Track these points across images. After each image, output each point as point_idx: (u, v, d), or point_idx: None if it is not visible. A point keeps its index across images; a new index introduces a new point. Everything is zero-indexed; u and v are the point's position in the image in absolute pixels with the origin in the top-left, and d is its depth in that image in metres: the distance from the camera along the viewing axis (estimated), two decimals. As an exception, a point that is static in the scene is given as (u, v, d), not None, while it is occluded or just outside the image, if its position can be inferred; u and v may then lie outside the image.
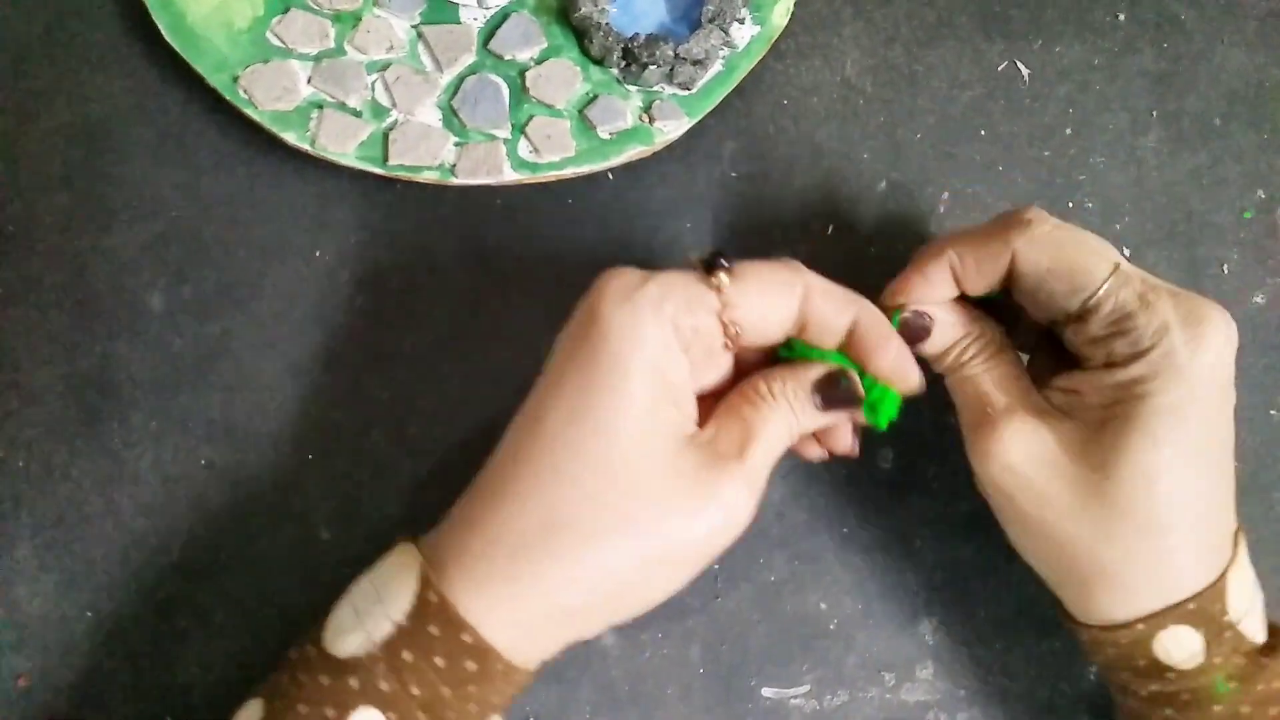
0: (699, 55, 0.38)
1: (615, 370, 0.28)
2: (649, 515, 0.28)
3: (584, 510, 0.27)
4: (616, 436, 0.28)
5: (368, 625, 0.28)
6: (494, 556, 0.28)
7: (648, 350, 0.28)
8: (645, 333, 0.28)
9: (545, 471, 0.28)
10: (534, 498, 0.28)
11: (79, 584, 0.37)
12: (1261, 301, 0.42)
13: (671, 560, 0.29)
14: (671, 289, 0.28)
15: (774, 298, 0.30)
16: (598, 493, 0.27)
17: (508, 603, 0.28)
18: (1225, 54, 0.44)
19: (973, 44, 0.43)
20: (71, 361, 0.38)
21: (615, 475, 0.27)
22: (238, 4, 0.38)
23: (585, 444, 0.28)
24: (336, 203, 0.39)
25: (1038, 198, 0.42)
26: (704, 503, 0.28)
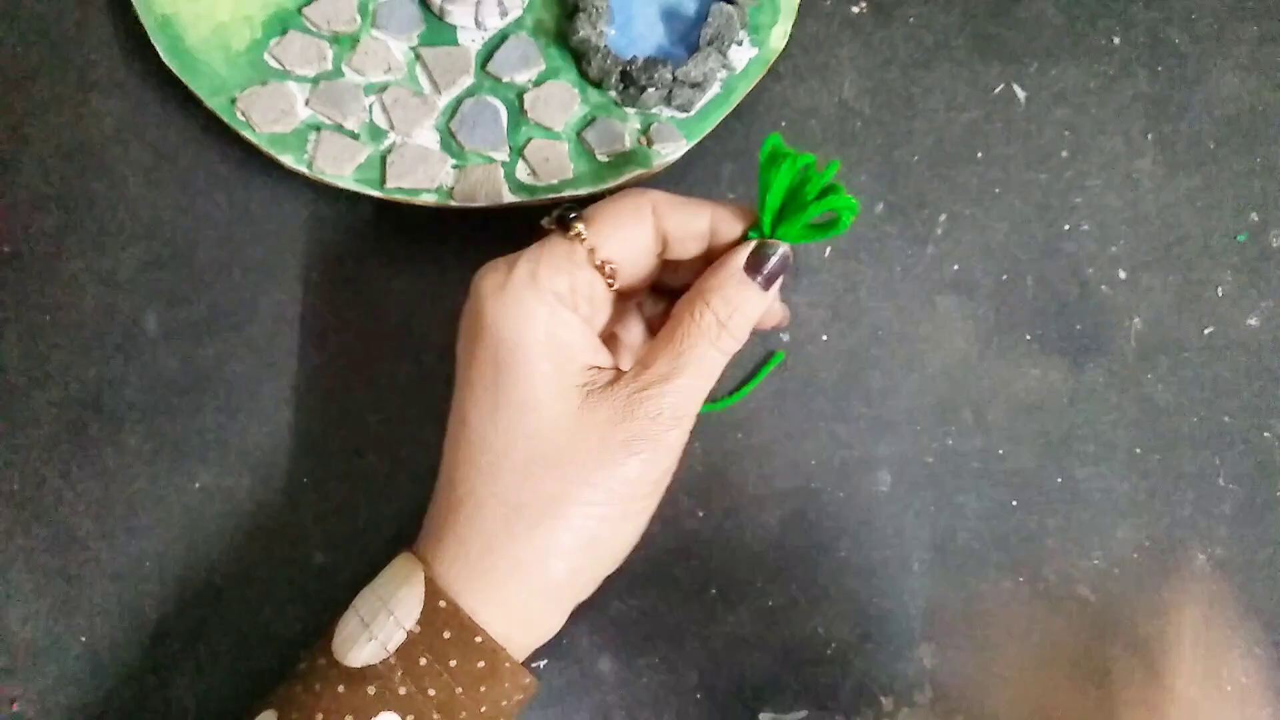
0: (697, 78, 0.38)
1: (515, 357, 0.29)
2: (589, 475, 0.29)
3: (528, 493, 0.29)
4: (538, 418, 0.29)
5: (379, 634, 0.29)
6: (469, 554, 0.30)
7: (537, 328, 0.30)
8: (528, 313, 0.30)
9: (486, 467, 0.30)
10: (486, 492, 0.30)
11: (73, 608, 0.36)
12: (1255, 324, 0.42)
13: (621, 503, 0.30)
14: (539, 260, 0.30)
15: (629, 225, 0.31)
16: (536, 472, 0.29)
17: (497, 595, 0.29)
18: (1219, 78, 0.44)
19: (969, 67, 0.43)
20: (65, 384, 0.37)
21: (542, 451, 0.29)
22: (236, 26, 0.38)
23: (512, 433, 0.30)
24: (333, 224, 0.39)
25: (1034, 220, 0.42)
26: (626, 446, 0.30)
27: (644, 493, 0.31)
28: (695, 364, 0.30)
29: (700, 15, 0.40)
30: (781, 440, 0.39)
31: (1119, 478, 0.40)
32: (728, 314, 0.30)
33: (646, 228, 0.31)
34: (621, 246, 0.31)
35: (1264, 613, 0.39)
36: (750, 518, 0.39)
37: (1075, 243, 0.42)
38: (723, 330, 0.30)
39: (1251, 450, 0.41)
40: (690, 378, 0.30)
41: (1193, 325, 0.42)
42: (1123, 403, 0.41)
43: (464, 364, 0.31)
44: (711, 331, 0.30)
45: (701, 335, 0.30)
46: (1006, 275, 0.41)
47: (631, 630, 0.37)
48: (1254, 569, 0.40)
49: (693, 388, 0.30)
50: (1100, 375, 0.41)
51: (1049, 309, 0.41)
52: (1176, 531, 0.40)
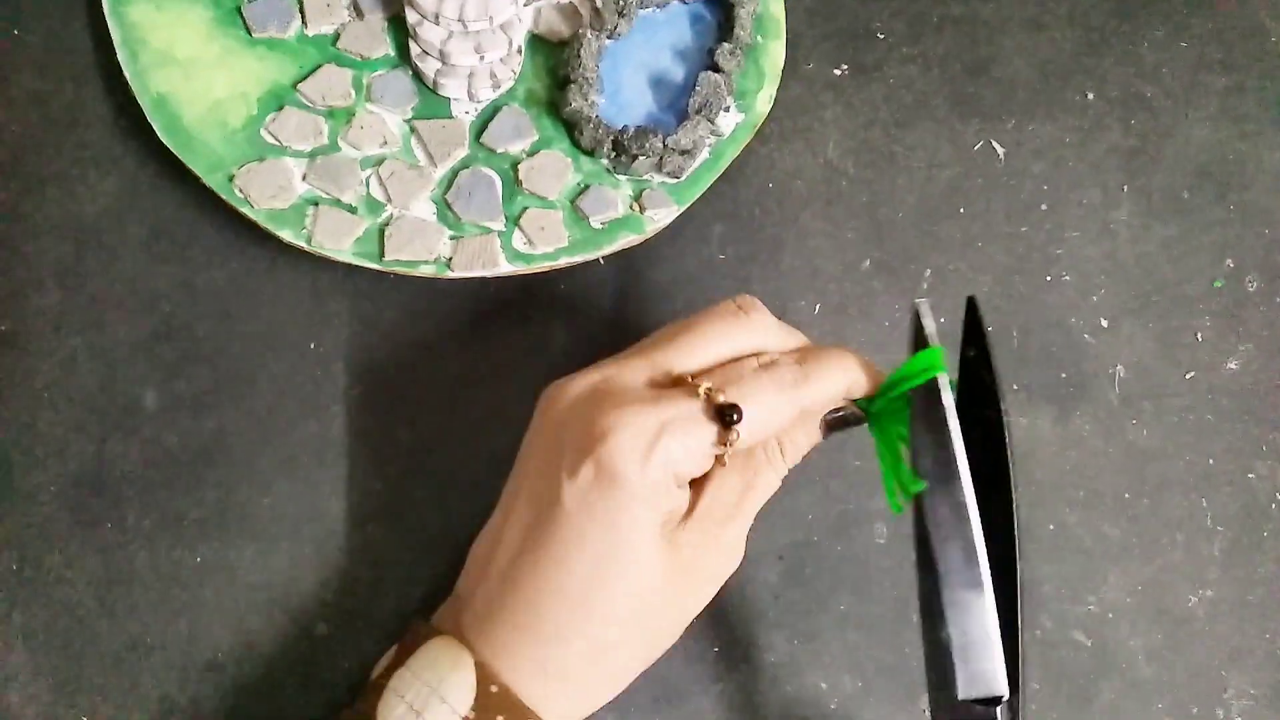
0: (687, 145, 0.39)
1: (637, 534, 0.30)
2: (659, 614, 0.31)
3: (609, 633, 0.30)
4: (639, 583, 0.30)
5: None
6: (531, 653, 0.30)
7: (661, 506, 0.30)
8: (660, 494, 0.30)
9: (577, 607, 0.30)
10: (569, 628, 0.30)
11: (74, 687, 0.36)
12: (1235, 368, 0.43)
13: (674, 630, 0.33)
14: (681, 444, 0.29)
15: (775, 426, 0.31)
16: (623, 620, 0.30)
17: (553, 690, 0.30)
18: (1190, 129, 0.46)
19: (949, 125, 0.44)
20: (64, 461, 0.37)
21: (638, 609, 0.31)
22: (232, 103, 0.38)
23: (613, 589, 0.30)
24: (331, 295, 0.39)
25: (1016, 272, 0.43)
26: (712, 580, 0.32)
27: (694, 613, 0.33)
28: (755, 498, 0.32)
29: (688, 83, 0.41)
30: (778, 495, 0.40)
31: (1109, 523, 0.41)
32: (794, 454, 0.33)
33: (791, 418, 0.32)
34: (754, 439, 0.31)
35: (1256, 653, 0.40)
36: (750, 574, 0.39)
37: (1057, 293, 0.43)
38: (783, 463, 0.33)
39: (1237, 492, 0.42)
40: (751, 510, 0.32)
41: (1174, 371, 0.43)
42: (1109, 449, 0.42)
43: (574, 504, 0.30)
44: (777, 465, 0.33)
45: (769, 469, 0.32)
46: (991, 327, 0.42)
47: (637, 692, 0.37)
48: (1245, 609, 0.41)
49: (749, 517, 0.32)
50: (1086, 422, 0.42)
51: (1034, 359, 0.42)
52: (1167, 575, 0.41)
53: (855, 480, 0.40)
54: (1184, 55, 0.47)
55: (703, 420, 0.30)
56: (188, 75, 0.39)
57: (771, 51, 0.42)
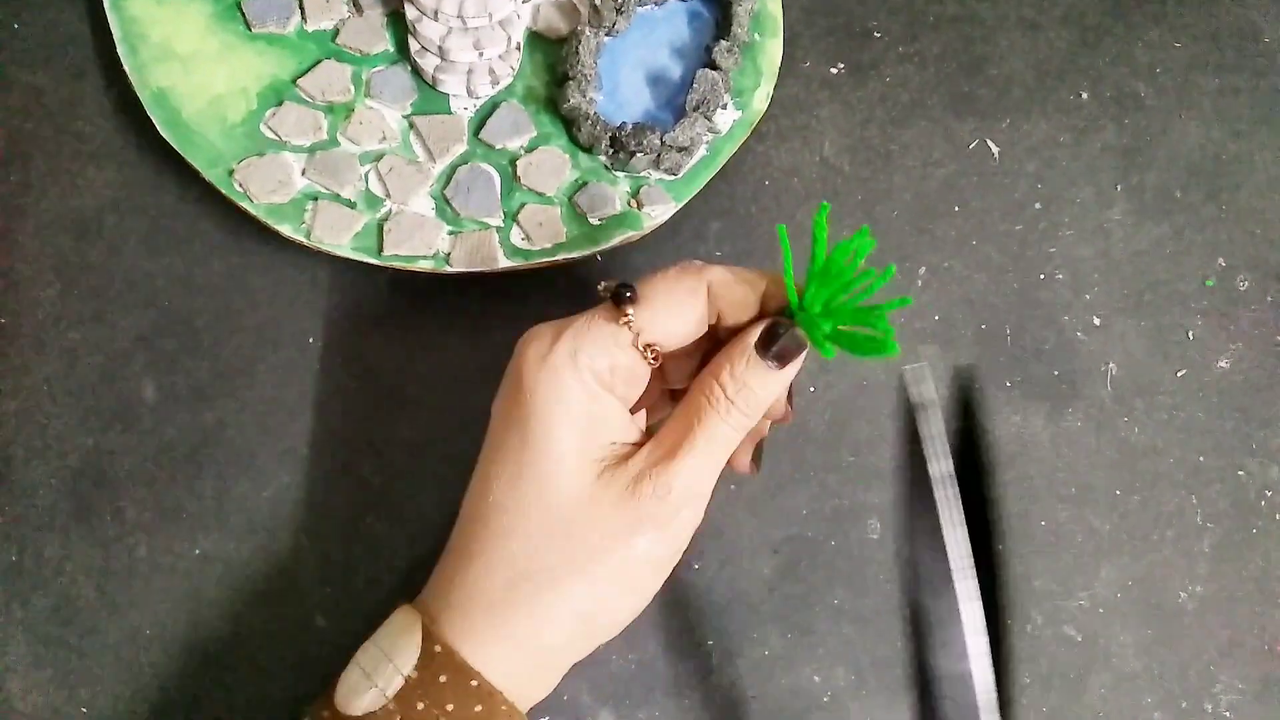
0: (684, 142, 0.39)
1: (544, 431, 0.30)
2: (596, 551, 0.30)
3: (536, 561, 0.30)
4: (556, 491, 0.30)
5: (379, 682, 0.30)
6: (472, 611, 0.30)
7: (571, 405, 0.30)
8: (565, 389, 0.30)
9: (499, 531, 0.30)
10: (495, 556, 0.30)
11: (74, 678, 0.36)
12: (1226, 366, 0.44)
13: (625, 581, 0.31)
14: (582, 338, 0.30)
15: (683, 309, 0.31)
16: (545, 543, 0.30)
17: (494, 651, 0.30)
18: (1183, 129, 0.46)
19: (944, 124, 0.44)
20: (64, 454, 0.38)
21: (557, 525, 0.30)
22: (231, 98, 0.39)
23: (529, 503, 0.30)
24: (329, 289, 0.40)
25: (1010, 270, 0.43)
26: (634, 525, 0.30)
27: (648, 571, 0.31)
28: (705, 440, 0.30)
29: (685, 80, 0.41)
30: (773, 490, 0.40)
31: (1100, 519, 0.41)
32: (736, 390, 0.30)
33: (699, 308, 0.31)
34: (670, 329, 0.31)
35: (1245, 648, 0.41)
36: (745, 568, 0.40)
37: (1050, 291, 0.43)
38: (732, 407, 0.30)
39: (1227, 489, 0.42)
40: (700, 455, 0.30)
41: (1166, 369, 0.43)
42: (1101, 446, 0.42)
43: (496, 424, 0.32)
44: (721, 407, 0.30)
45: (712, 411, 0.30)
46: (985, 325, 0.43)
47: (632, 684, 0.38)
48: (1234, 605, 0.41)
49: (703, 465, 0.30)
50: (1078, 419, 0.42)
51: (1027, 356, 0.43)
52: (1157, 571, 0.41)
53: (849, 475, 0.41)
54: (1178, 55, 0.47)
55: (601, 312, 0.31)
56: (187, 70, 0.39)
57: (769, 49, 0.42)
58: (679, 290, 0.31)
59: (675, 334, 0.31)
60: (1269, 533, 0.42)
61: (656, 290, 0.31)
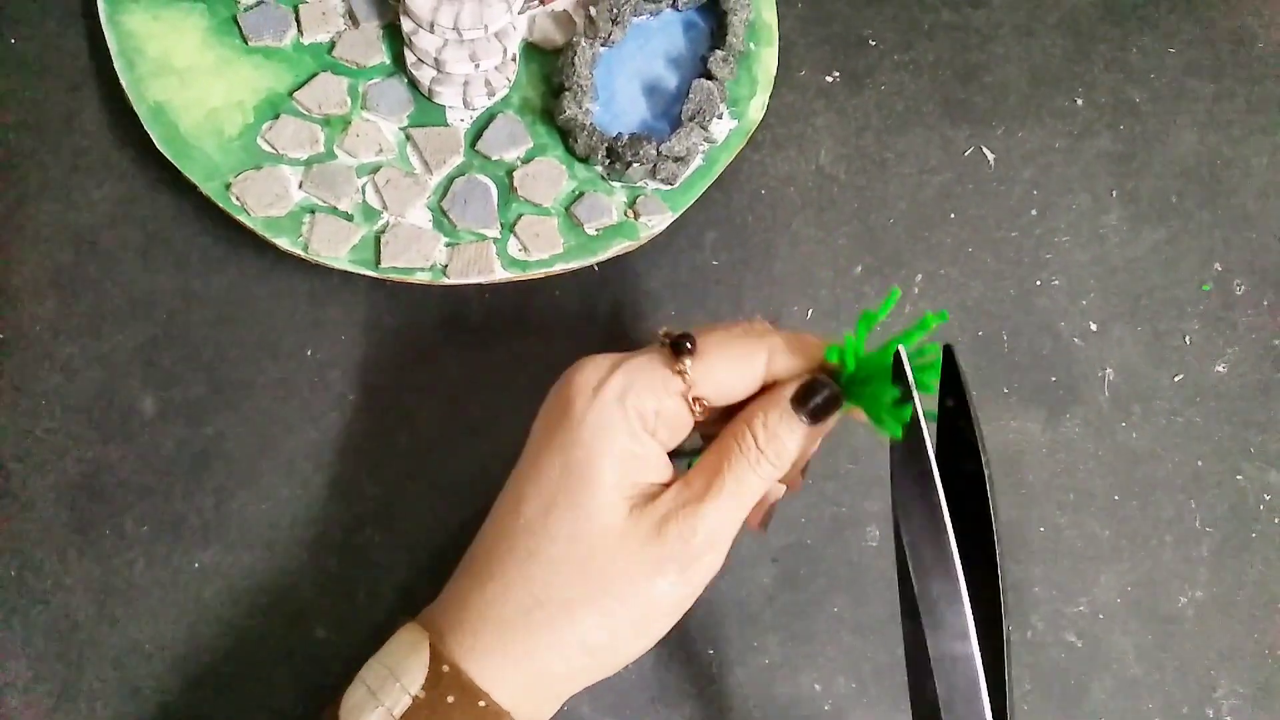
0: (680, 152, 0.39)
1: (586, 463, 0.30)
2: (615, 588, 0.30)
3: (555, 590, 0.30)
4: (587, 523, 0.30)
5: (385, 701, 0.29)
6: (483, 630, 0.30)
7: (616, 441, 0.30)
8: (612, 424, 0.30)
9: (524, 554, 0.30)
10: (516, 578, 0.30)
11: (74, 694, 0.36)
12: (1223, 370, 0.44)
13: (640, 621, 0.31)
14: (635, 379, 0.30)
15: (738, 370, 0.31)
16: (570, 573, 0.30)
17: (502, 672, 0.30)
18: (1179, 135, 0.46)
19: (940, 131, 0.45)
20: (62, 468, 0.38)
21: (585, 556, 0.30)
22: (228, 112, 0.39)
23: (559, 530, 0.30)
24: (327, 301, 0.40)
25: (1007, 276, 0.43)
26: (656, 566, 0.30)
27: (662, 613, 0.31)
28: (733, 486, 0.30)
29: (681, 90, 0.41)
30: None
31: (1099, 525, 0.41)
32: (767, 440, 0.30)
33: (755, 372, 0.31)
34: (723, 387, 0.31)
35: (1245, 653, 0.41)
36: (745, 576, 0.40)
37: (1047, 298, 0.44)
38: (762, 457, 0.30)
39: (1225, 494, 0.42)
40: (727, 500, 0.30)
41: (1163, 374, 0.43)
42: (1099, 451, 0.42)
43: (538, 446, 0.31)
44: (751, 456, 0.30)
45: (742, 458, 0.30)
46: (982, 331, 0.43)
47: (632, 694, 0.38)
48: (1234, 609, 0.41)
49: (728, 511, 0.30)
50: (1076, 425, 0.42)
51: (1024, 363, 0.43)
52: (1157, 575, 0.41)
53: (849, 483, 0.41)
54: (1172, 61, 0.47)
55: (659, 357, 0.31)
56: (184, 84, 0.39)
57: (764, 59, 0.43)
58: (739, 350, 0.31)
59: (727, 392, 0.31)
60: (1268, 537, 0.42)
61: (716, 347, 0.31)
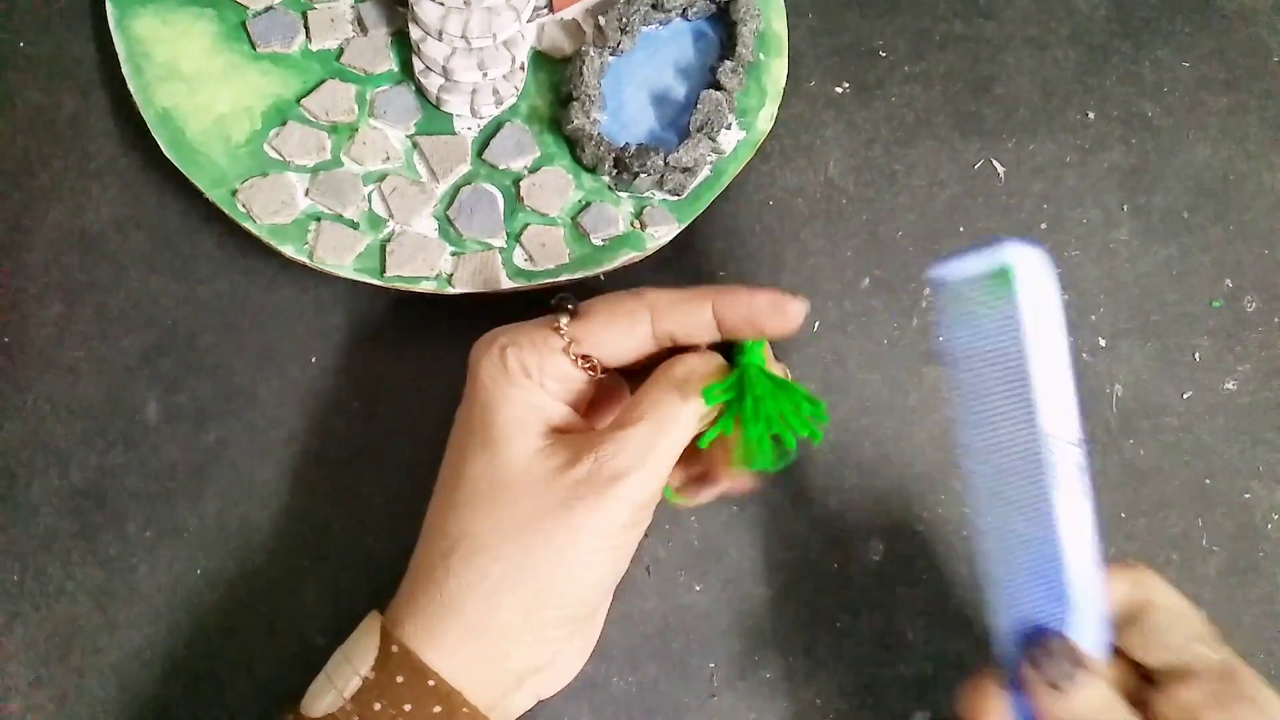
0: (688, 163, 0.39)
1: (484, 407, 0.32)
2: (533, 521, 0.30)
3: (466, 525, 0.31)
4: (494, 459, 0.31)
5: (338, 683, 0.30)
6: (411, 592, 0.31)
7: (507, 390, 0.31)
8: (499, 375, 0.32)
9: (435, 508, 0.32)
10: (429, 528, 0.32)
11: (75, 699, 0.36)
12: (1233, 388, 0.43)
13: (565, 554, 0.30)
14: (515, 337, 0.32)
15: (620, 327, 0.32)
16: (482, 508, 0.31)
17: (443, 640, 0.30)
18: (1191, 149, 0.46)
19: (950, 143, 0.44)
20: (66, 473, 0.38)
21: (490, 493, 0.31)
22: (235, 118, 0.39)
23: (469, 471, 0.31)
24: (332, 309, 0.40)
25: (1016, 291, 0.43)
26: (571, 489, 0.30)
27: (587, 545, 0.30)
28: (653, 412, 0.30)
29: (689, 101, 0.41)
30: (775, 512, 0.40)
31: (1105, 542, 0.41)
32: (691, 370, 0.31)
33: (640, 331, 0.32)
34: (607, 345, 0.32)
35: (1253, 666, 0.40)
36: (746, 590, 0.39)
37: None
38: (687, 381, 0.31)
39: (1233, 512, 0.42)
40: (646, 428, 0.30)
41: (1172, 390, 0.43)
42: (1106, 467, 0.42)
43: (454, 427, 0.34)
44: (677, 377, 0.31)
45: (666, 385, 0.31)
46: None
47: (633, 707, 0.38)
48: (1240, 629, 0.41)
49: (647, 440, 0.30)
50: (1084, 441, 0.42)
51: (1033, 377, 0.42)
52: (1163, 594, 0.41)
53: (852, 497, 0.40)
54: (1186, 75, 0.47)
55: (545, 320, 0.33)
56: (192, 90, 0.39)
57: (773, 69, 0.42)
58: (617, 313, 0.32)
59: (613, 350, 0.32)
60: (1276, 557, 0.41)
61: (595, 308, 0.33)
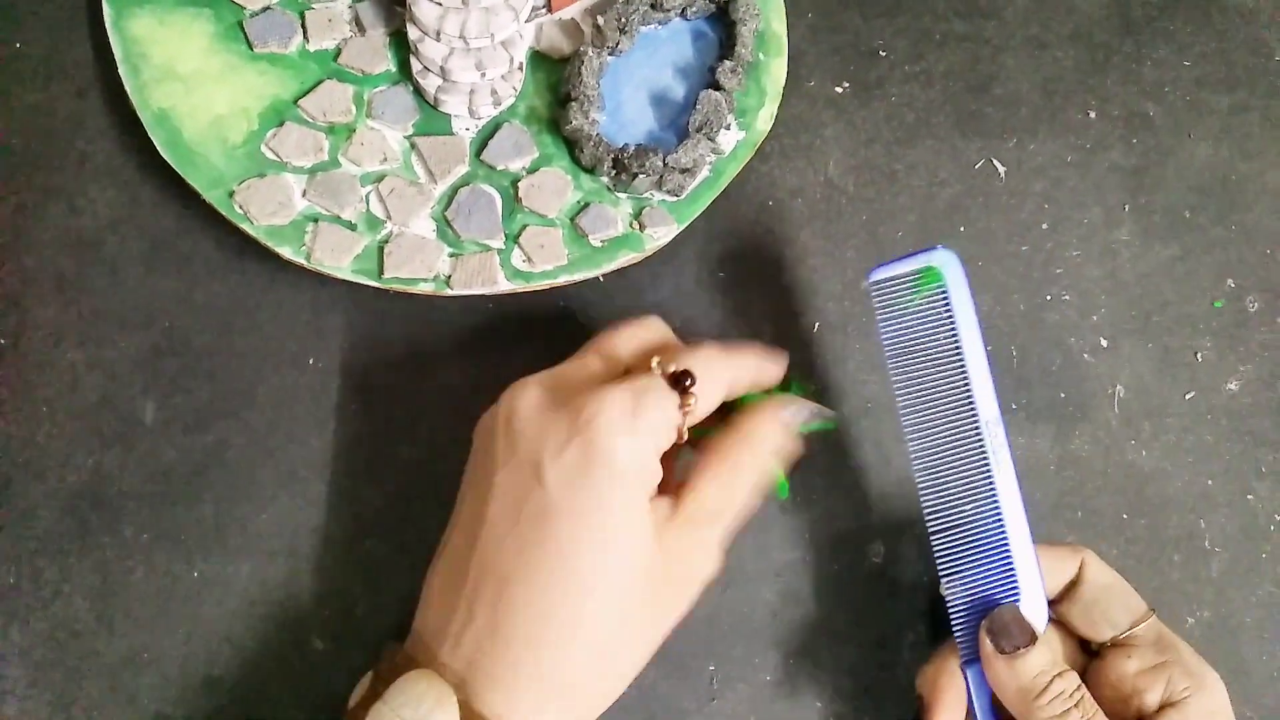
0: (687, 164, 0.39)
1: (629, 509, 0.30)
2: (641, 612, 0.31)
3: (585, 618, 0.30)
4: (631, 561, 0.30)
5: None
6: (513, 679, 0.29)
7: (648, 480, 0.31)
8: (647, 466, 0.31)
9: (555, 588, 0.29)
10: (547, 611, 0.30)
11: (71, 702, 0.36)
12: (1234, 388, 0.43)
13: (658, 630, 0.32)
14: (658, 418, 0.31)
15: (718, 395, 0.33)
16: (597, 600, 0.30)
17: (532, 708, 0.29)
18: (1193, 149, 0.45)
19: (950, 143, 0.44)
20: (63, 475, 0.38)
21: (614, 582, 0.30)
22: (233, 119, 0.39)
23: (594, 562, 0.30)
24: (330, 310, 0.40)
25: (1016, 291, 0.43)
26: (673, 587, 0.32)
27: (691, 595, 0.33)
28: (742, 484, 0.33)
29: (688, 101, 0.41)
30: (776, 514, 0.40)
31: (1107, 543, 0.41)
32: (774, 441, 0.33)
33: (721, 395, 0.33)
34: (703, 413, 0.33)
35: (1253, 675, 0.40)
36: (747, 592, 0.39)
37: (1057, 313, 0.43)
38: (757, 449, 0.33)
39: (1235, 513, 0.42)
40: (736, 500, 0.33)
41: (1174, 391, 0.43)
42: (1108, 469, 0.42)
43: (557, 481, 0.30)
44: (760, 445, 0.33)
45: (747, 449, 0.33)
46: (991, 346, 0.42)
47: (633, 710, 0.38)
48: (1242, 631, 0.41)
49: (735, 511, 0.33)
50: (1085, 442, 0.42)
51: (1033, 378, 0.42)
52: (1164, 595, 0.41)
53: (853, 498, 0.40)
54: (1187, 74, 0.46)
55: (666, 389, 0.31)
56: (189, 90, 0.39)
57: (773, 69, 0.42)
58: (720, 377, 0.33)
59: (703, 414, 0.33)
60: (1278, 558, 0.41)
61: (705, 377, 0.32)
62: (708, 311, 0.41)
